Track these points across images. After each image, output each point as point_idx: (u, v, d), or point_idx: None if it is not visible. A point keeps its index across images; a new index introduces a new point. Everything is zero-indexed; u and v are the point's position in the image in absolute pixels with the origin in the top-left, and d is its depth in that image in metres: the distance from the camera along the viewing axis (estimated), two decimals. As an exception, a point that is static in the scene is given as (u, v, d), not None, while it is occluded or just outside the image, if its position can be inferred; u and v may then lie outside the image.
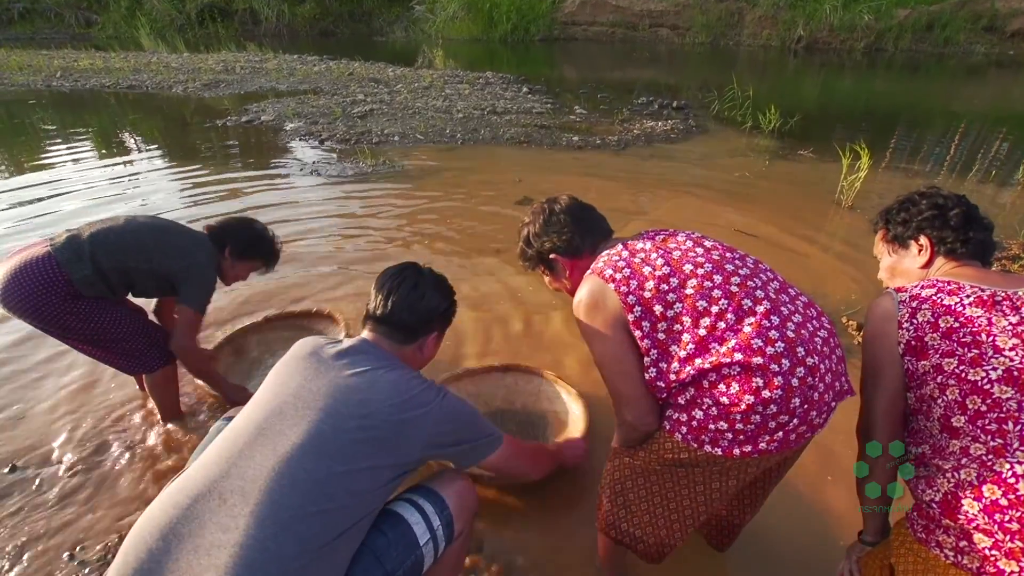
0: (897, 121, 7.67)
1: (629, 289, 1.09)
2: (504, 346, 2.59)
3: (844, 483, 1.83)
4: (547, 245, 1.32)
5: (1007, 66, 13.39)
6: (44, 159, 5.65)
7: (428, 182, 4.95)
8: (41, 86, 9.63)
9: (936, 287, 1.02)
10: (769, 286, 1.10)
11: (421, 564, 1.09)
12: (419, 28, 18.61)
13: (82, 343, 1.82)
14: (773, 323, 1.02)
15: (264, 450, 0.98)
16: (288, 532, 0.91)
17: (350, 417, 1.03)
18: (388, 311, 1.21)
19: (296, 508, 0.93)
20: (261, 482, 0.94)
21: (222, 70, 11.10)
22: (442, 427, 1.12)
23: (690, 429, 1.06)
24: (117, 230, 1.75)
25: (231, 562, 0.87)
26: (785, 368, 0.98)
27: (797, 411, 1.00)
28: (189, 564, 0.88)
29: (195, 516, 0.92)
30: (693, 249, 1.15)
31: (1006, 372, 0.88)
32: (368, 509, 1.02)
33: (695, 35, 16.72)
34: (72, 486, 1.83)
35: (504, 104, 8.08)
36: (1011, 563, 0.84)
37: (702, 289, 1.06)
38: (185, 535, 0.90)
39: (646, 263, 1.12)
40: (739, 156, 5.93)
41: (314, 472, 0.96)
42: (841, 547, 1.26)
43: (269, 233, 2.06)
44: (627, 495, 1.25)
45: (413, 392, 1.10)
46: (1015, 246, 3.58)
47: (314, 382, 1.08)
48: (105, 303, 1.78)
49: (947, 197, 1.14)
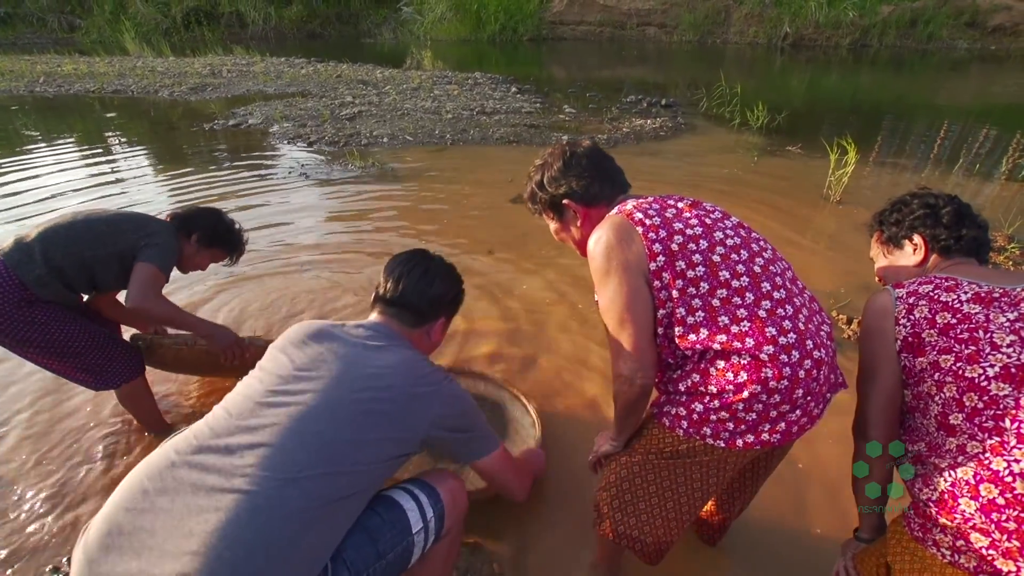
0: (883, 116, 7.74)
1: (657, 237, 1.04)
2: (497, 345, 2.57)
3: (839, 478, 1.83)
4: (563, 189, 1.23)
5: (989, 61, 13.56)
6: (27, 165, 5.55)
7: (418, 183, 4.92)
8: (24, 92, 9.47)
9: (933, 283, 1.02)
10: (786, 274, 1.11)
11: (411, 552, 1.09)
12: (407, 29, 18.54)
13: (39, 355, 1.73)
14: (787, 312, 1.01)
15: (276, 409, 0.99)
16: (295, 486, 0.91)
17: (363, 388, 1.04)
18: (399, 294, 1.23)
19: (303, 465, 0.93)
20: (270, 437, 0.94)
21: (209, 74, 10.98)
22: (447, 409, 1.13)
23: (691, 423, 1.06)
24: (66, 224, 1.70)
25: (233, 505, 0.86)
26: (795, 360, 0.98)
27: (799, 402, 1.00)
28: (186, 503, 0.86)
29: (197, 463, 0.91)
30: (723, 220, 1.13)
31: (1003, 369, 0.87)
32: (369, 482, 1.02)
33: (683, 33, 16.78)
34: (52, 496, 1.78)
35: (493, 104, 8.06)
36: (1008, 562, 0.83)
37: (728, 260, 1.04)
38: (184, 479, 0.89)
39: (678, 219, 1.08)
40: (728, 153, 5.95)
41: (324, 434, 0.97)
42: (835, 542, 1.25)
43: (236, 226, 2.05)
44: (627, 495, 1.24)
45: (424, 371, 1.13)
46: (1000, 238, 3.62)
47: (327, 352, 1.09)
48: (63, 313, 1.71)
49: (938, 196, 1.16)
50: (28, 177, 5.19)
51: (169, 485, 0.89)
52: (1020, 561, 0.82)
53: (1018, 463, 0.83)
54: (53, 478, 1.87)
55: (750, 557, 1.61)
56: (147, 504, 0.87)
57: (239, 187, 4.79)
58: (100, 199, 4.56)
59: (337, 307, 2.91)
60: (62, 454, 1.96)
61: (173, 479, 0.90)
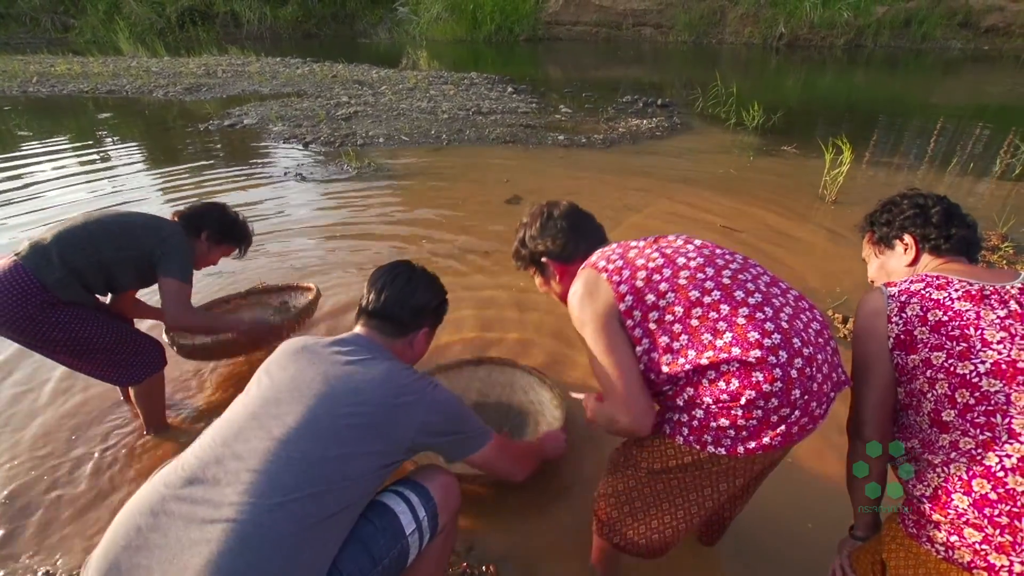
0: (878, 116, 7.78)
1: (621, 278, 1.09)
2: (496, 344, 2.57)
3: (834, 477, 1.84)
4: (540, 248, 1.33)
5: (982, 61, 13.64)
6: (20, 166, 5.52)
7: (414, 183, 4.92)
8: (17, 92, 9.43)
9: (925, 281, 1.02)
10: (760, 279, 1.10)
11: (407, 554, 1.10)
12: (403, 30, 18.53)
13: (65, 355, 1.77)
14: (767, 314, 1.01)
15: (259, 433, 0.99)
16: (282, 510, 0.91)
17: (345, 403, 1.05)
18: (380, 305, 1.24)
19: (290, 488, 0.93)
20: (255, 462, 0.95)
21: (204, 74, 10.95)
22: (433, 416, 1.13)
23: (691, 430, 1.05)
24: (80, 226, 1.72)
25: (223, 536, 0.86)
26: (783, 360, 0.97)
27: (798, 402, 0.99)
28: (178, 538, 0.87)
29: (186, 497, 0.92)
30: (684, 246, 1.17)
31: (994, 365, 0.88)
32: (359, 495, 1.03)
33: (678, 34, 16.83)
34: (49, 501, 1.78)
35: (489, 104, 8.06)
36: (1001, 557, 0.84)
37: (695, 280, 1.06)
38: (175, 513, 0.90)
39: (640, 256, 1.13)
40: (724, 153, 5.97)
41: (309, 454, 0.97)
42: (831, 541, 1.26)
43: (241, 217, 2.08)
44: (629, 505, 1.23)
45: (406, 381, 1.13)
46: (994, 237, 3.64)
47: (308, 371, 1.09)
48: (86, 312, 1.74)
49: (928, 196, 1.17)
50: (20, 178, 5.16)
51: (162, 522, 0.90)
52: (1013, 555, 0.83)
53: (1010, 458, 0.84)
54: (47, 482, 1.86)
55: (746, 557, 1.62)
56: (142, 541, 0.88)
57: (234, 187, 4.78)
58: (96, 199, 4.54)
59: (331, 309, 2.91)
60: (56, 456, 1.96)
61: (164, 514, 0.91)
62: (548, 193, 4.58)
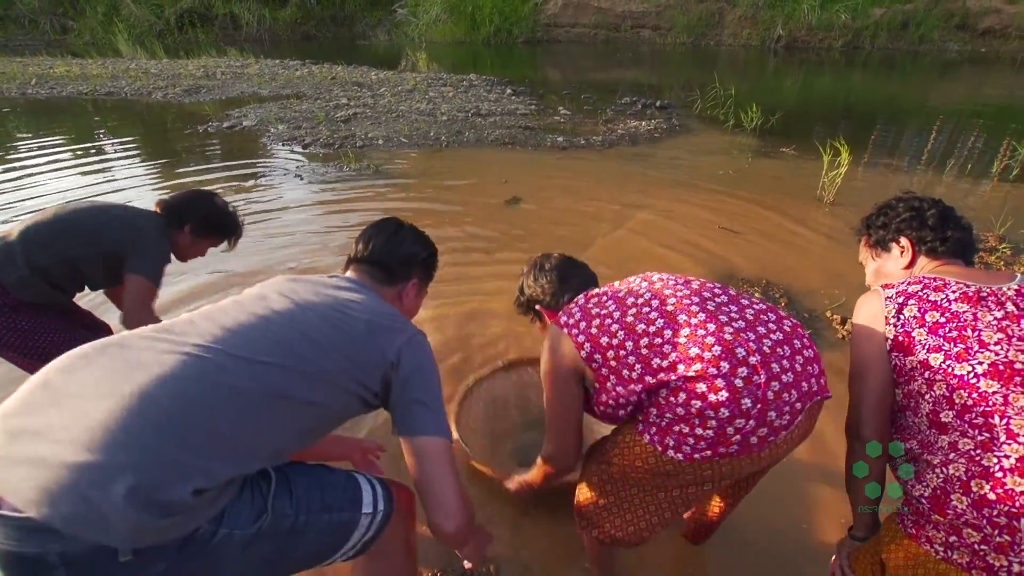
0: (875, 118, 7.79)
1: (580, 330, 1.17)
2: (500, 343, 2.57)
3: (833, 477, 1.84)
4: (534, 296, 1.44)
5: (979, 63, 13.68)
6: (19, 167, 5.51)
7: (413, 185, 4.92)
8: (16, 94, 9.41)
9: (922, 283, 1.03)
10: (710, 302, 1.13)
11: (351, 530, 1.03)
12: (402, 31, 18.54)
13: (24, 359, 1.67)
14: (709, 330, 1.05)
15: (240, 312, 0.99)
16: (248, 365, 0.89)
17: (331, 309, 1.05)
18: (369, 252, 1.24)
19: (260, 351, 0.92)
20: (230, 323, 0.95)
21: (203, 76, 10.94)
22: (411, 353, 1.07)
23: (659, 429, 1.07)
24: (47, 221, 1.61)
25: (180, 363, 0.85)
26: (725, 370, 0.99)
27: (751, 412, 0.99)
28: (126, 359, 0.84)
29: (147, 335, 0.90)
30: (639, 284, 1.23)
31: (992, 366, 0.89)
32: (322, 397, 0.98)
33: (676, 35, 16.86)
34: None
35: (488, 106, 8.07)
36: (1000, 557, 0.84)
37: (640, 314, 1.13)
38: (131, 345, 0.88)
39: (597, 306, 1.20)
40: (722, 154, 5.98)
41: (287, 333, 0.97)
42: (830, 542, 1.26)
43: (230, 207, 1.94)
44: (604, 499, 1.27)
45: (394, 313, 1.13)
46: (992, 238, 3.65)
47: (297, 289, 1.09)
48: (49, 321, 1.66)
49: (923, 199, 1.18)
50: (18, 179, 5.15)
51: (111, 350, 0.86)
52: (1012, 556, 0.83)
53: (1008, 459, 0.84)
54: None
55: (744, 556, 1.62)
56: (85, 363, 0.84)
57: (233, 189, 4.78)
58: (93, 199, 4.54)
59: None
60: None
61: (119, 345, 0.87)
62: (547, 194, 4.59)
